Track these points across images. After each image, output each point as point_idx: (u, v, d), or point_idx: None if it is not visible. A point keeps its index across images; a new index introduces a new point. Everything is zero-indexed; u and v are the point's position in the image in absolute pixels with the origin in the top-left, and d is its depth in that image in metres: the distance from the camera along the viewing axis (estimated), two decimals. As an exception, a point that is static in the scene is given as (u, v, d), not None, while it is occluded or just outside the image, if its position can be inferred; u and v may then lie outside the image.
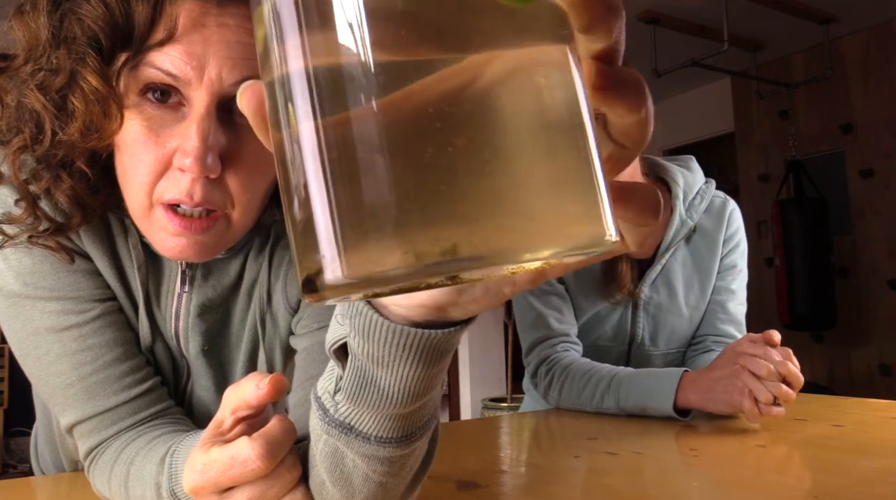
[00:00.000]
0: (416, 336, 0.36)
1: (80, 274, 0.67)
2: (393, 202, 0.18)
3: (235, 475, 0.47)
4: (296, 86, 0.20)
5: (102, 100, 0.56)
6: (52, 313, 0.66)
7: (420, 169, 0.18)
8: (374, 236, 0.18)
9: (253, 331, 0.77)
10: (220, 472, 0.47)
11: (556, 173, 0.20)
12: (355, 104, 0.19)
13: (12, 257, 0.65)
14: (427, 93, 0.19)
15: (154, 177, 0.59)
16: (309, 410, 0.66)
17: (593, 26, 0.23)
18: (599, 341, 1.34)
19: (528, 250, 0.19)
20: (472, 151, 0.19)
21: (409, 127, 0.19)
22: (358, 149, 0.19)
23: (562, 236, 0.20)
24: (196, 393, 0.77)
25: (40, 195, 0.62)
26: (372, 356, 0.38)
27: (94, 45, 0.56)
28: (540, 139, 0.20)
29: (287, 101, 0.20)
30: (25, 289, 0.65)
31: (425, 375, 0.39)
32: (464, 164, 0.19)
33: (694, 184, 1.34)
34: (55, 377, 0.66)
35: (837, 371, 4.18)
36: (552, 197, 0.20)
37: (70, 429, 0.68)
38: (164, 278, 0.72)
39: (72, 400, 0.66)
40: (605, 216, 0.21)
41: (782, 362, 0.98)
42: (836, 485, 0.70)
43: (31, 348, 0.66)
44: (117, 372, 0.67)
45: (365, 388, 0.40)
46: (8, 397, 3.81)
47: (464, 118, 0.19)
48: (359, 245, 0.19)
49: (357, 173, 0.19)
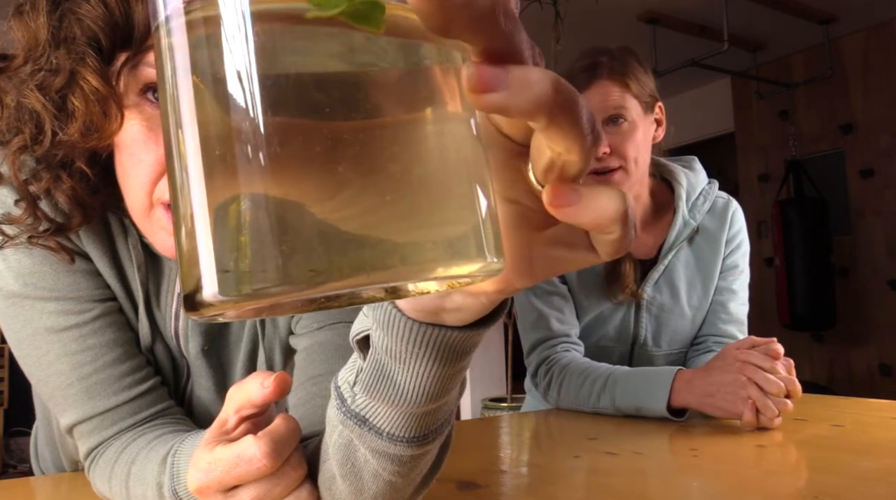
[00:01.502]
0: (431, 333, 0.36)
1: (79, 274, 0.67)
2: (269, 224, 0.19)
3: (241, 474, 0.47)
4: (183, 108, 0.20)
5: (102, 100, 0.56)
6: (52, 314, 0.66)
7: (298, 193, 0.19)
8: (251, 256, 0.19)
9: (252, 331, 0.77)
10: (225, 471, 0.47)
11: (437, 199, 0.21)
12: (238, 123, 0.19)
13: (12, 257, 0.65)
14: (312, 123, 0.19)
15: (154, 177, 0.59)
16: (310, 410, 0.66)
17: (451, 28, 0.21)
18: (602, 341, 1.34)
19: (396, 271, 0.20)
20: (355, 177, 0.19)
21: (291, 152, 0.19)
22: (239, 170, 0.19)
23: (436, 259, 0.20)
24: (196, 393, 0.77)
25: (40, 196, 0.62)
26: (390, 351, 0.38)
27: (93, 45, 0.56)
28: (423, 167, 0.20)
29: (176, 125, 0.21)
30: (25, 289, 0.65)
31: (440, 375, 0.39)
32: (345, 189, 0.19)
33: (697, 184, 1.34)
34: (55, 378, 0.66)
35: (837, 371, 4.18)
36: (429, 221, 0.20)
37: (70, 429, 0.68)
38: (164, 278, 0.72)
39: (72, 400, 0.66)
40: (486, 242, 0.22)
41: (791, 380, 0.99)
42: (836, 485, 0.70)
43: (31, 349, 0.66)
44: (117, 372, 0.67)
45: (381, 382, 0.40)
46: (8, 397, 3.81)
47: (348, 145, 0.19)
48: (234, 264, 0.19)
49: (236, 195, 0.19)
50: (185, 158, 0.20)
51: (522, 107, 0.21)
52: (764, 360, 1.01)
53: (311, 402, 0.66)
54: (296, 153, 0.19)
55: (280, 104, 0.19)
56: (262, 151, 0.19)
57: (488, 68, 0.21)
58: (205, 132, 0.20)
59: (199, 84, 0.20)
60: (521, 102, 0.21)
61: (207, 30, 0.20)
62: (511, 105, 0.21)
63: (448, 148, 0.21)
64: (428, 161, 0.21)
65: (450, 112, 0.22)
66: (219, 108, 0.19)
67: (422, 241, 0.20)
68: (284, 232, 0.19)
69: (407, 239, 0.20)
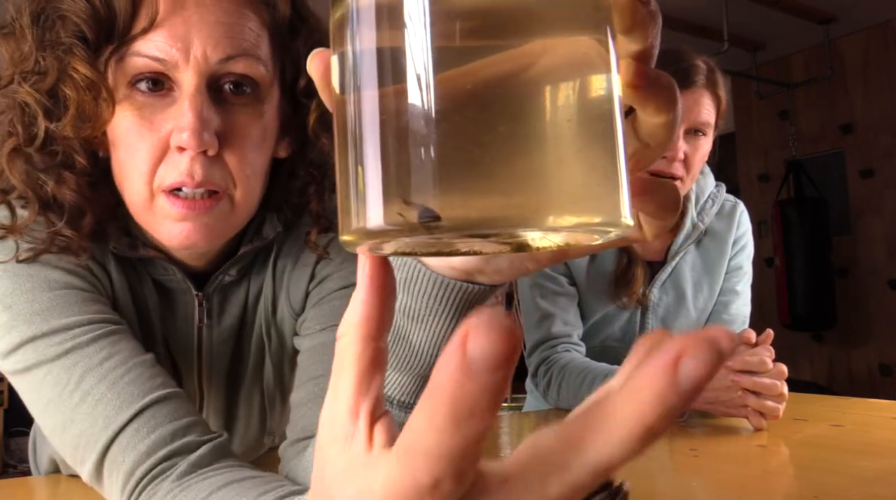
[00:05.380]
0: (456, 288, 0.38)
1: (94, 301, 0.63)
2: (432, 165, 0.21)
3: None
4: (364, 60, 0.23)
5: (93, 86, 0.57)
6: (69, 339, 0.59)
7: (461, 140, 0.21)
8: (413, 192, 0.21)
9: (259, 342, 0.77)
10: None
11: (584, 158, 0.22)
12: (412, 79, 0.21)
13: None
14: (476, 75, 0.21)
15: (153, 164, 0.59)
16: (312, 409, 0.66)
17: (635, 28, 0.25)
18: (608, 341, 1.35)
19: (551, 217, 0.21)
20: (511, 131, 0.21)
21: (456, 104, 0.21)
22: (410, 117, 0.21)
23: (581, 210, 0.22)
24: (207, 415, 0.78)
25: (49, 200, 0.61)
26: (408, 310, 0.39)
27: (80, 37, 0.57)
28: (573, 126, 0.22)
29: (354, 71, 0.23)
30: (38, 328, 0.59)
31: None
32: (501, 141, 0.21)
33: (706, 188, 1.36)
34: (83, 403, 0.57)
35: (837, 371, 4.18)
36: (576, 177, 0.22)
37: (100, 464, 0.57)
38: (180, 315, 0.72)
39: (101, 418, 0.57)
40: (622, 202, 0.23)
41: (779, 371, 0.99)
42: (836, 485, 0.70)
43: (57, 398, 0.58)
44: (147, 374, 0.60)
45: (397, 344, 0.41)
46: (8, 397, 3.80)
47: (507, 101, 0.21)
48: (396, 199, 0.21)
49: (405, 138, 0.21)
50: (361, 101, 0.22)
51: (661, 104, 0.26)
52: (752, 362, 1.00)
53: (314, 401, 0.66)
54: (462, 108, 0.21)
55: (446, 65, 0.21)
56: (440, 104, 0.21)
57: (655, 72, 0.26)
58: (381, 91, 0.22)
59: (380, 51, 0.22)
60: (661, 100, 0.26)
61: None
62: (653, 105, 0.26)
63: (606, 113, 0.23)
64: (582, 122, 0.22)
65: (612, 82, 0.23)
66: (394, 69, 0.21)
67: (580, 194, 0.22)
68: (453, 175, 0.21)
69: (566, 192, 0.21)
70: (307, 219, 0.72)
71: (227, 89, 0.61)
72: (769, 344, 1.02)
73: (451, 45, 0.21)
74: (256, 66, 0.61)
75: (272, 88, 0.64)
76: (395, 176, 0.21)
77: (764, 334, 1.03)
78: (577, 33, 0.23)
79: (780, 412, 0.98)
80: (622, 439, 0.18)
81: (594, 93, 0.23)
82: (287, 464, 0.67)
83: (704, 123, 1.22)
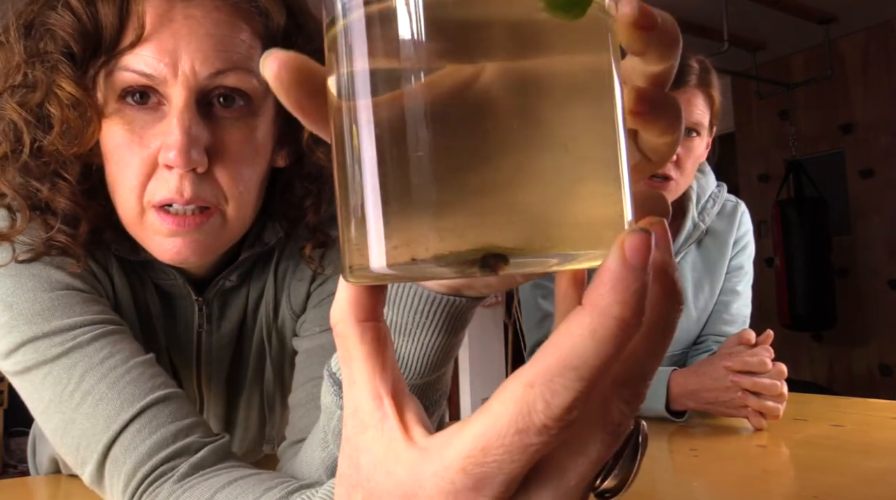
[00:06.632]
0: (442, 302, 0.38)
1: (95, 302, 0.63)
2: (434, 198, 0.20)
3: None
4: (358, 85, 0.22)
5: (77, 104, 0.56)
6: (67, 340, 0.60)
7: (464, 170, 0.20)
8: (415, 226, 0.20)
9: (259, 346, 0.76)
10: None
11: (592, 184, 0.22)
12: (409, 114, 0.20)
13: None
14: (475, 97, 0.20)
15: (142, 179, 0.58)
16: (310, 410, 0.66)
17: (648, 51, 0.24)
18: None
19: (566, 246, 0.21)
20: (519, 162, 0.20)
21: (458, 130, 0.20)
22: (408, 150, 0.20)
23: (593, 242, 0.21)
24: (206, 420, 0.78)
25: (42, 207, 0.61)
26: (395, 325, 0.39)
27: (66, 53, 0.56)
28: (577, 152, 0.21)
29: (349, 99, 0.22)
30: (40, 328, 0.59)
31: (444, 344, 0.40)
32: (508, 170, 0.20)
33: (707, 188, 1.36)
34: (83, 403, 0.57)
35: (837, 371, 4.18)
36: (587, 206, 0.22)
37: (101, 465, 0.56)
38: (181, 320, 0.72)
39: (102, 418, 0.57)
40: (627, 223, 0.23)
41: (778, 371, 0.99)
42: (836, 485, 0.70)
43: (59, 392, 0.58)
44: (148, 372, 0.59)
45: None
46: (8, 397, 3.80)
47: (510, 131, 0.20)
48: (400, 232, 0.20)
49: (406, 171, 0.20)
50: (357, 140, 0.22)
51: (664, 128, 0.27)
52: (752, 363, 1.00)
53: (312, 402, 0.66)
54: (464, 138, 0.20)
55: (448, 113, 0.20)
56: (439, 132, 0.20)
57: (659, 97, 0.25)
58: (379, 127, 0.21)
59: (375, 74, 0.21)
60: (664, 124, 0.26)
61: (382, 12, 0.21)
62: (656, 129, 0.27)
63: (610, 138, 0.23)
64: (595, 151, 0.22)
65: (614, 105, 0.23)
66: (392, 105, 0.21)
67: (592, 221, 0.22)
68: (444, 213, 0.20)
69: (573, 219, 0.21)
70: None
71: (218, 103, 0.59)
72: (769, 344, 1.02)
73: (443, 84, 0.20)
74: (248, 78, 0.59)
75: (266, 100, 0.62)
76: (403, 219, 0.20)
77: (764, 334, 1.03)
78: (578, 52, 0.22)
79: (781, 412, 0.98)
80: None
81: (599, 119, 0.22)
82: (286, 464, 0.67)
83: (696, 123, 1.22)
